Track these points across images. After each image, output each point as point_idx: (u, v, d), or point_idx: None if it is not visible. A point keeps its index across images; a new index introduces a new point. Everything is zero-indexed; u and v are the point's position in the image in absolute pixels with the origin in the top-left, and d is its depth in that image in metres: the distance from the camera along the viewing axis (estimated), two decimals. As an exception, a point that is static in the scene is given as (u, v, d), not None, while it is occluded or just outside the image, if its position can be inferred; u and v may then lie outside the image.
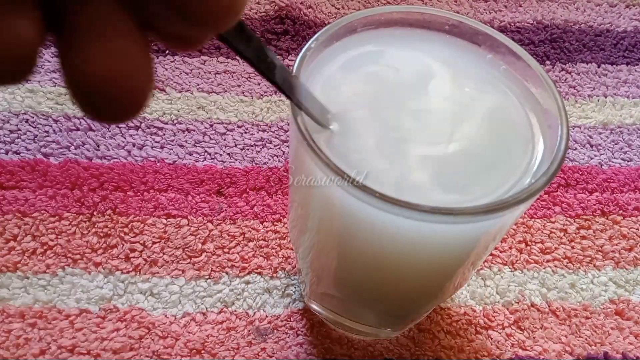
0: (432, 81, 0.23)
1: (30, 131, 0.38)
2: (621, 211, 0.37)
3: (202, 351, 0.29)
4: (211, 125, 0.40)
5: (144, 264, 0.32)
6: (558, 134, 0.20)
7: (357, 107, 0.21)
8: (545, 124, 0.22)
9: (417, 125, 0.21)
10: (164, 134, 0.39)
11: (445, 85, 0.23)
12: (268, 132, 0.40)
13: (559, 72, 0.46)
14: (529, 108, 0.22)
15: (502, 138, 0.22)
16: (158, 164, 0.37)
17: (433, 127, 0.21)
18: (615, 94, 0.45)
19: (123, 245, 0.33)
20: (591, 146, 0.41)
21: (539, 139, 0.21)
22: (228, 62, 0.44)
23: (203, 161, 0.37)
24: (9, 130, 0.38)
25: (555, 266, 0.34)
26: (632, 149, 0.41)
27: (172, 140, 0.38)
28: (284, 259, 0.33)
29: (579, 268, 0.34)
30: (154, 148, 0.38)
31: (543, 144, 0.21)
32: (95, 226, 0.34)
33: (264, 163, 0.38)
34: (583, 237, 0.36)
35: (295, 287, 0.32)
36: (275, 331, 0.31)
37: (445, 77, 0.23)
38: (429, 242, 0.20)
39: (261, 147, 0.39)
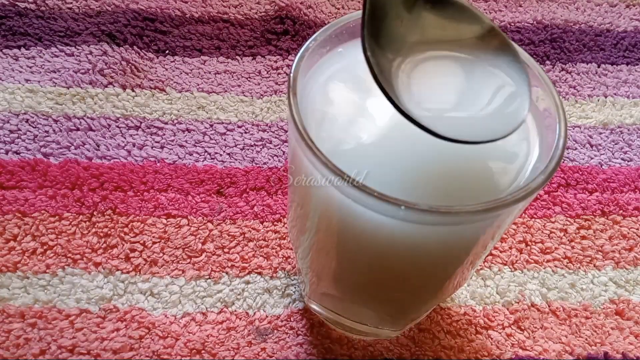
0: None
1: (30, 131, 0.38)
2: (621, 211, 0.37)
3: (202, 351, 0.29)
4: (211, 125, 0.40)
5: (144, 264, 0.32)
6: (556, 131, 0.20)
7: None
8: (543, 123, 0.22)
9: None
10: (164, 134, 0.39)
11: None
12: (268, 132, 0.40)
13: (559, 72, 0.46)
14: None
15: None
16: (158, 164, 0.37)
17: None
18: (615, 94, 0.45)
19: (123, 245, 0.33)
20: (591, 146, 0.41)
21: (537, 137, 0.21)
22: (228, 62, 0.44)
23: (203, 161, 0.38)
24: (9, 130, 0.38)
25: (555, 266, 0.34)
26: (632, 149, 0.41)
27: (172, 140, 0.38)
28: (284, 259, 0.33)
29: (579, 268, 0.34)
30: (154, 148, 0.38)
31: (541, 143, 0.21)
32: (95, 226, 0.34)
33: (264, 163, 0.38)
34: (583, 237, 0.36)
35: (295, 287, 0.32)
36: (275, 331, 0.31)
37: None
38: (428, 241, 0.20)
39: (261, 147, 0.39)
